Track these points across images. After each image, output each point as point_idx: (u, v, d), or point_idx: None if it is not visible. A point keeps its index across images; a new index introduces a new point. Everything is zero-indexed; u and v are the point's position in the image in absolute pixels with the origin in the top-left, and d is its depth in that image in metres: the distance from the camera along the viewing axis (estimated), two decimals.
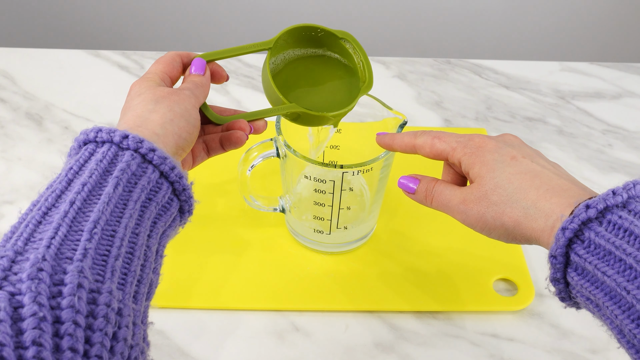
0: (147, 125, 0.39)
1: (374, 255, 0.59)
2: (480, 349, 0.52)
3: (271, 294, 0.55)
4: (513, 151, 0.39)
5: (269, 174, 0.65)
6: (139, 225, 0.35)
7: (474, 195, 0.39)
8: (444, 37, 1.50)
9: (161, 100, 0.41)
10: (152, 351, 0.51)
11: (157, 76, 0.44)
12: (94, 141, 0.36)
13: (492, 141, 0.40)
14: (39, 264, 0.28)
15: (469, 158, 0.40)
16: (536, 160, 0.39)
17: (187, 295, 0.55)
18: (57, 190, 0.33)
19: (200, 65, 0.46)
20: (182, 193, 0.39)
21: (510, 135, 0.42)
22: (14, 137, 0.71)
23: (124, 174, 0.35)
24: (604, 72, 0.85)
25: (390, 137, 0.46)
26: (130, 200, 0.35)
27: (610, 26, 1.49)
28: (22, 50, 0.84)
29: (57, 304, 0.27)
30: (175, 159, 0.38)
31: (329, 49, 0.52)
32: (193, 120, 0.42)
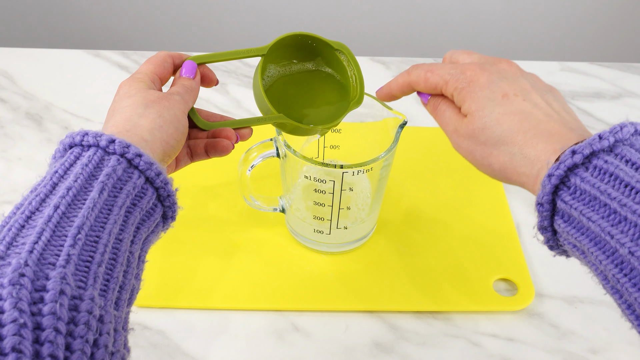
0: (136, 131, 0.38)
1: (374, 255, 0.59)
2: (480, 349, 0.53)
3: (271, 294, 0.55)
4: (506, 86, 0.37)
5: (269, 174, 0.65)
6: (123, 231, 0.34)
7: (464, 130, 0.39)
8: (444, 37, 1.50)
9: (151, 105, 0.40)
10: (152, 351, 0.51)
11: (147, 77, 0.43)
12: (79, 144, 0.36)
13: (484, 74, 0.38)
14: (21, 269, 0.28)
15: (460, 93, 0.39)
16: (529, 96, 0.37)
17: (186, 295, 0.55)
18: (41, 194, 0.33)
19: (191, 68, 0.45)
20: (167, 199, 0.38)
21: (506, 62, 0.40)
22: (14, 137, 0.71)
23: (109, 179, 0.35)
24: (604, 72, 0.85)
25: (387, 85, 0.45)
26: (115, 205, 0.34)
27: (610, 26, 1.49)
28: (22, 50, 0.84)
29: (38, 310, 0.27)
30: (161, 165, 0.38)
31: (323, 59, 0.51)
32: (182, 127, 0.41)
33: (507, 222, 0.62)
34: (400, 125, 0.52)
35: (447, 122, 0.41)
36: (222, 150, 0.47)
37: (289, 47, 0.50)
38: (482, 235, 0.61)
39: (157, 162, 0.38)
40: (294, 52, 0.50)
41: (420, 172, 0.68)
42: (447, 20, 1.47)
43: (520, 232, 0.62)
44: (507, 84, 0.37)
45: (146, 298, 0.54)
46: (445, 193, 0.65)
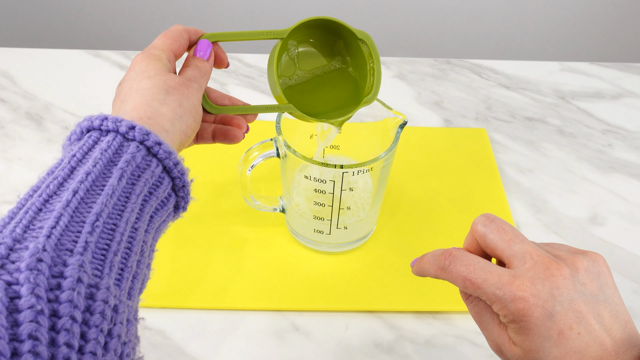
0: (157, 119, 0.37)
1: (374, 255, 0.59)
2: (480, 349, 0.53)
3: (271, 294, 0.55)
4: (561, 319, 0.33)
5: (269, 174, 0.65)
6: (139, 220, 0.34)
7: (513, 356, 0.35)
8: (444, 37, 1.50)
9: (172, 92, 0.39)
10: (152, 351, 0.51)
11: (163, 54, 0.41)
12: (98, 129, 0.35)
13: (538, 304, 0.33)
14: (39, 255, 0.27)
15: (510, 324, 0.34)
16: (584, 323, 0.33)
17: (186, 295, 0.55)
18: (59, 177, 0.32)
19: (206, 48, 0.44)
20: (181, 189, 0.38)
21: (559, 270, 0.34)
22: (14, 137, 0.71)
23: (128, 166, 0.34)
24: (604, 72, 0.85)
25: (419, 266, 0.40)
26: (133, 193, 0.34)
27: (610, 26, 1.49)
28: (22, 50, 0.84)
29: (55, 297, 0.27)
30: (179, 155, 0.37)
31: (344, 47, 0.49)
32: (199, 118, 0.41)
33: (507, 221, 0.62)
34: (400, 125, 0.52)
35: (488, 331, 0.37)
36: (232, 138, 0.46)
37: (310, 31, 0.48)
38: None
39: (175, 151, 0.37)
40: (314, 38, 0.49)
41: (420, 172, 0.68)
42: (447, 20, 1.47)
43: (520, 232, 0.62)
44: (562, 315, 0.33)
45: (146, 298, 0.54)
46: (445, 193, 0.65)
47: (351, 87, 0.50)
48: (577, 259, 0.35)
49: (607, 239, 0.62)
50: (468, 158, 0.69)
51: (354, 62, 0.50)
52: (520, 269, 0.34)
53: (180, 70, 0.43)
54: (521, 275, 0.34)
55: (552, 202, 0.66)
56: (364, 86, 0.49)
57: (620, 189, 0.68)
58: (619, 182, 0.69)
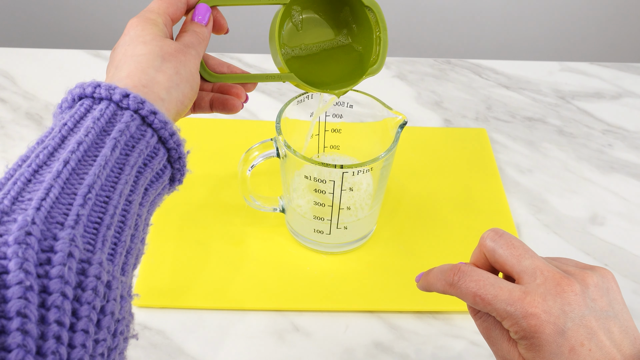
0: (153, 87, 0.36)
1: (374, 255, 0.59)
2: (480, 349, 0.53)
3: (271, 294, 0.55)
4: (572, 335, 0.33)
5: (269, 174, 0.65)
6: (133, 192, 0.32)
7: None
8: (444, 37, 1.50)
9: (168, 59, 0.37)
10: (152, 351, 0.51)
11: (160, 17, 0.40)
12: (90, 96, 0.34)
13: (549, 320, 0.33)
14: (28, 227, 0.26)
15: (521, 339, 0.34)
16: (595, 340, 0.33)
17: (186, 295, 0.55)
18: (49, 147, 0.31)
19: (205, 12, 0.42)
20: (177, 161, 0.36)
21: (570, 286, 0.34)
22: (14, 137, 0.71)
23: (122, 136, 0.32)
24: (604, 72, 0.86)
25: (425, 281, 0.39)
26: (127, 165, 0.32)
27: (610, 26, 1.49)
28: (22, 50, 0.84)
29: (44, 272, 0.25)
30: (175, 125, 0.36)
31: (350, 14, 0.47)
32: (196, 86, 0.39)
33: (507, 222, 0.62)
34: (400, 125, 0.52)
35: (497, 347, 0.36)
36: (230, 108, 0.45)
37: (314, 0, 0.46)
38: None
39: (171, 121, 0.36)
40: (318, 3, 0.47)
41: (420, 172, 0.68)
42: (447, 20, 1.47)
43: (520, 232, 0.62)
44: (573, 331, 0.33)
45: (146, 298, 0.54)
46: (445, 193, 0.65)
47: (356, 57, 0.48)
48: (587, 275, 0.34)
49: (607, 239, 0.62)
50: (468, 158, 0.69)
51: (360, 30, 0.48)
52: (531, 285, 0.34)
53: (177, 36, 0.41)
54: (532, 291, 0.34)
55: (552, 202, 0.66)
56: (369, 56, 0.48)
57: (620, 189, 0.68)
58: (619, 182, 0.69)
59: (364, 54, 0.48)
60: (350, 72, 0.48)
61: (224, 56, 0.84)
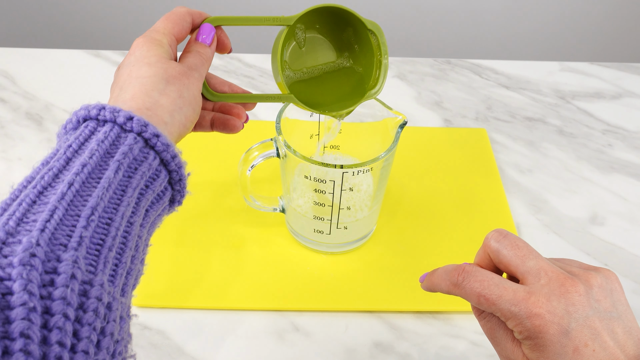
0: (157, 111, 0.36)
1: (374, 255, 0.59)
2: (481, 349, 0.53)
3: (271, 294, 0.55)
4: (576, 335, 0.33)
5: (269, 174, 0.65)
6: (134, 214, 0.33)
7: None
8: (444, 37, 1.50)
9: (172, 82, 0.38)
10: (152, 351, 0.51)
11: (165, 38, 0.40)
12: (95, 119, 0.34)
13: (554, 321, 0.33)
14: (32, 249, 0.26)
15: (525, 339, 0.34)
16: (599, 340, 0.33)
17: (187, 295, 0.55)
18: (54, 169, 0.31)
19: (209, 33, 0.43)
20: (178, 183, 0.37)
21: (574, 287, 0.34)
22: (14, 137, 0.71)
23: (125, 158, 0.33)
24: (604, 72, 0.86)
25: (429, 281, 0.39)
26: (129, 187, 0.33)
27: (610, 26, 1.49)
28: (22, 50, 0.84)
29: (47, 293, 0.26)
30: (176, 148, 0.36)
31: (353, 36, 0.48)
32: (198, 109, 0.40)
33: (507, 222, 0.62)
34: (400, 125, 0.52)
35: (501, 347, 0.36)
36: (231, 128, 0.45)
37: (318, 18, 0.47)
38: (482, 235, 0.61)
39: (172, 143, 0.36)
40: (321, 24, 0.47)
41: (420, 172, 0.68)
42: (447, 20, 1.47)
43: (520, 232, 0.62)
44: (577, 332, 0.33)
45: (146, 298, 0.54)
46: (445, 193, 0.65)
47: (356, 79, 0.49)
48: (591, 276, 0.35)
49: (607, 239, 0.62)
50: (468, 158, 0.69)
51: (362, 52, 0.48)
52: (535, 286, 0.34)
53: (181, 56, 0.42)
54: (536, 291, 0.34)
55: (552, 202, 0.66)
56: (369, 79, 0.48)
57: (620, 189, 0.68)
58: (619, 182, 0.69)
59: (364, 76, 0.49)
60: (350, 94, 0.49)
61: (224, 56, 0.84)
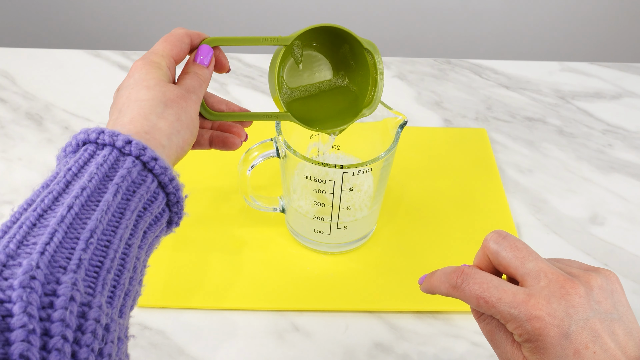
0: (155, 134, 0.37)
1: (374, 255, 0.59)
2: (480, 349, 0.53)
3: (271, 294, 0.55)
4: (577, 338, 0.33)
5: (269, 174, 0.65)
6: (132, 236, 0.34)
7: None
8: (444, 37, 1.50)
9: (170, 105, 0.39)
10: (152, 351, 0.51)
11: (164, 60, 0.41)
12: (94, 142, 0.35)
13: (554, 323, 0.33)
14: (32, 272, 0.27)
15: (525, 342, 0.34)
16: (599, 342, 0.33)
17: (186, 295, 0.55)
18: (54, 192, 0.32)
19: (207, 54, 0.43)
20: (175, 205, 0.38)
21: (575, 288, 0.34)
22: (14, 137, 0.71)
23: (124, 181, 0.34)
24: (604, 72, 0.86)
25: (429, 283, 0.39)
26: (128, 209, 0.34)
27: (610, 26, 1.49)
28: (22, 50, 0.84)
29: (47, 315, 0.27)
30: (174, 170, 0.37)
31: (350, 55, 0.49)
32: (195, 131, 0.41)
33: (507, 222, 0.62)
34: (400, 125, 0.52)
35: (501, 350, 0.36)
36: (230, 146, 0.46)
37: (315, 36, 0.47)
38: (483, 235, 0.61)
39: (170, 165, 0.37)
40: (318, 42, 0.48)
41: (420, 172, 0.68)
42: (447, 20, 1.47)
43: (520, 232, 0.62)
44: (577, 334, 0.33)
45: (146, 298, 0.54)
46: (445, 193, 0.65)
47: (351, 97, 0.50)
48: (591, 277, 0.34)
49: (607, 239, 0.62)
50: (468, 158, 0.69)
51: (358, 70, 0.49)
52: (535, 288, 0.34)
53: (179, 78, 0.42)
54: (536, 293, 0.33)
55: (552, 202, 0.66)
56: (364, 97, 0.49)
57: (620, 189, 0.68)
58: (619, 182, 0.69)
59: (359, 95, 0.50)
60: (344, 112, 0.50)
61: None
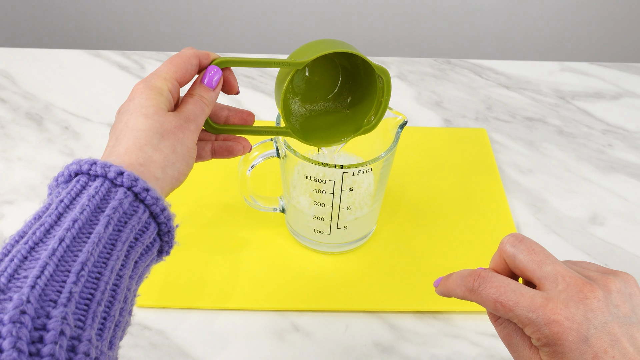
0: (149, 167, 0.37)
1: (374, 255, 0.59)
2: (480, 349, 0.53)
3: (271, 294, 0.55)
4: (596, 342, 0.32)
5: (269, 174, 0.65)
6: (123, 267, 0.34)
7: None
8: (444, 37, 1.50)
9: (167, 136, 0.38)
10: (152, 351, 0.51)
11: (166, 84, 0.40)
12: (86, 173, 0.35)
13: (572, 327, 0.33)
14: (23, 307, 0.27)
15: (543, 346, 0.34)
16: (618, 347, 0.33)
17: (186, 295, 0.55)
18: (45, 224, 0.32)
19: (214, 76, 0.43)
20: (166, 234, 0.38)
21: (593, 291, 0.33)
22: (14, 137, 0.71)
23: (115, 213, 0.34)
24: (604, 72, 0.85)
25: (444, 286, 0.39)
26: (119, 240, 0.34)
27: (610, 26, 1.49)
28: (22, 50, 0.84)
29: (36, 350, 0.27)
30: (166, 201, 0.37)
31: (361, 77, 0.49)
32: (192, 161, 0.40)
33: (507, 222, 0.62)
34: (400, 125, 0.52)
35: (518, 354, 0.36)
36: (236, 153, 0.46)
37: (327, 60, 0.48)
38: (482, 235, 0.61)
39: (163, 196, 0.37)
40: (331, 67, 0.49)
41: (420, 172, 0.68)
42: (447, 20, 1.47)
43: (520, 232, 0.62)
44: (596, 338, 0.33)
45: (147, 298, 0.54)
46: (445, 193, 0.65)
47: (354, 117, 0.51)
48: (609, 280, 0.34)
49: (607, 239, 0.62)
50: (468, 158, 0.69)
51: (365, 92, 0.50)
52: (553, 291, 0.34)
53: (183, 100, 0.42)
54: (554, 297, 0.33)
55: (552, 202, 0.66)
56: (366, 115, 0.50)
57: (620, 189, 0.68)
58: (619, 182, 0.69)
59: (362, 114, 0.50)
60: (345, 130, 0.50)
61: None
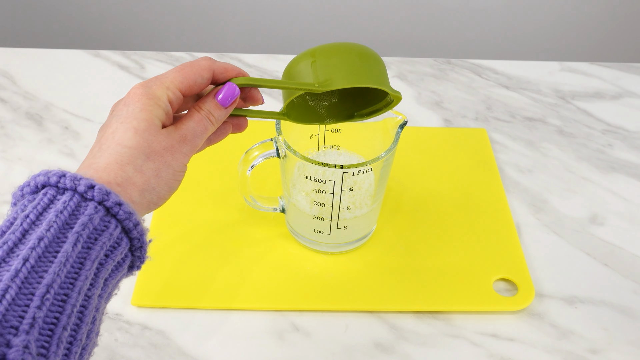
0: (127, 188, 0.35)
1: (374, 255, 0.59)
2: (480, 349, 0.53)
3: (271, 294, 0.55)
4: None
5: (269, 174, 0.65)
6: (93, 286, 0.32)
7: None
8: (444, 37, 1.50)
9: (153, 158, 0.36)
10: (152, 351, 0.51)
11: (166, 94, 0.38)
12: (54, 186, 0.32)
13: None
14: None
15: None
16: None
17: (186, 295, 0.55)
18: (9, 242, 0.30)
19: (231, 96, 0.40)
20: (138, 250, 0.35)
21: None
22: (14, 137, 0.71)
23: (85, 229, 0.31)
24: (604, 72, 0.85)
25: None
26: (88, 259, 0.31)
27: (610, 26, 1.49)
28: (22, 50, 0.84)
29: None
30: (138, 215, 0.35)
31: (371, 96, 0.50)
32: (176, 184, 0.38)
33: (507, 222, 0.62)
34: (400, 125, 0.52)
35: None
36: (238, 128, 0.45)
37: None
38: (482, 235, 0.61)
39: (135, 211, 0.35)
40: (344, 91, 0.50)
41: (420, 172, 0.68)
42: (447, 20, 1.47)
43: (520, 232, 0.62)
44: None
45: (147, 298, 0.54)
46: (445, 193, 0.65)
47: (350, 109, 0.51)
48: None
49: (607, 239, 0.62)
50: (468, 158, 0.69)
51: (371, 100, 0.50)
52: None
53: (189, 112, 0.40)
54: None
55: (552, 202, 0.66)
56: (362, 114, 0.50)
57: (620, 189, 0.68)
58: (619, 182, 0.69)
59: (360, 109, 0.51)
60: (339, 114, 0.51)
61: (224, 56, 0.84)
